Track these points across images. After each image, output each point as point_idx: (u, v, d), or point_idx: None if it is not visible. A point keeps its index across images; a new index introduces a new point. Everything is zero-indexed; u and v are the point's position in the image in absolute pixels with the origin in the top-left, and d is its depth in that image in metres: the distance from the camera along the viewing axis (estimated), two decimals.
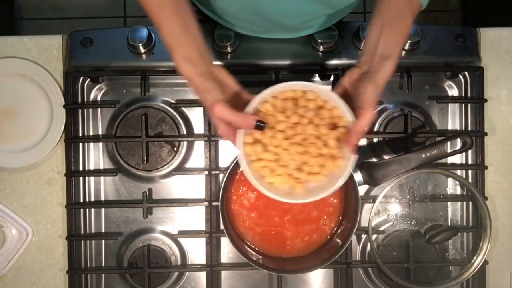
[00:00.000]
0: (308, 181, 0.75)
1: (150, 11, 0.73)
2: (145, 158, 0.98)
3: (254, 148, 0.73)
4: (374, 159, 1.02)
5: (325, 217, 0.92)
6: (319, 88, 0.73)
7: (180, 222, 1.02)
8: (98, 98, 1.03)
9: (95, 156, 1.02)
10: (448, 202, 1.02)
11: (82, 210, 1.00)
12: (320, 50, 0.99)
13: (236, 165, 0.90)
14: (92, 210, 1.02)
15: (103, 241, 1.02)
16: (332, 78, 1.01)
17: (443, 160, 1.01)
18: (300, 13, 0.87)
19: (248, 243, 0.94)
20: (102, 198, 1.02)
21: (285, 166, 0.74)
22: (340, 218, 0.93)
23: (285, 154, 0.73)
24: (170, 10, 0.73)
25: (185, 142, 1.00)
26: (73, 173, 0.98)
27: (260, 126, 0.71)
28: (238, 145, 0.73)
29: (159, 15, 0.73)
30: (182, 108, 1.01)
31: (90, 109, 1.02)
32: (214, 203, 0.96)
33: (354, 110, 0.72)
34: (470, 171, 1.01)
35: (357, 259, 1.02)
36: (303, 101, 0.73)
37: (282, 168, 0.74)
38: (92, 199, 1.02)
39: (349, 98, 0.75)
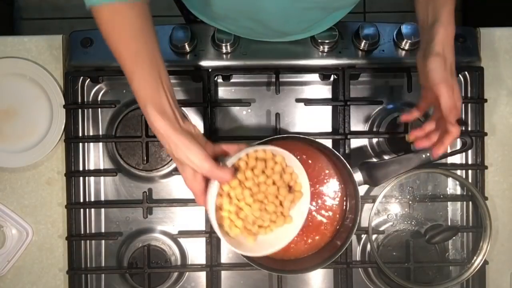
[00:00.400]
0: (258, 234, 0.80)
1: (124, 61, 0.70)
2: (145, 158, 0.98)
3: (220, 200, 0.76)
4: (374, 159, 1.02)
5: (326, 221, 0.92)
6: (286, 153, 0.78)
7: (180, 222, 1.02)
8: (98, 98, 1.03)
9: (95, 156, 1.02)
10: (448, 202, 1.02)
11: (82, 210, 1.00)
12: (320, 50, 0.99)
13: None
14: (92, 210, 1.02)
15: (103, 241, 1.02)
16: (332, 78, 1.01)
17: (443, 160, 1.01)
18: (302, 20, 0.87)
19: None
20: (102, 198, 1.02)
21: (243, 220, 0.78)
22: (341, 219, 0.93)
23: (246, 208, 0.77)
24: (147, 61, 0.70)
25: None
26: (73, 173, 0.98)
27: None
28: (211, 197, 0.73)
29: (134, 66, 0.70)
30: (182, 108, 1.01)
31: (90, 109, 1.02)
32: None
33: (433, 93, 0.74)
34: (470, 171, 1.01)
35: (357, 259, 1.02)
36: (271, 163, 0.78)
37: (241, 220, 0.78)
38: (92, 199, 1.02)
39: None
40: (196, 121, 1.02)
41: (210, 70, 0.98)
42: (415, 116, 0.83)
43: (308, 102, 1.00)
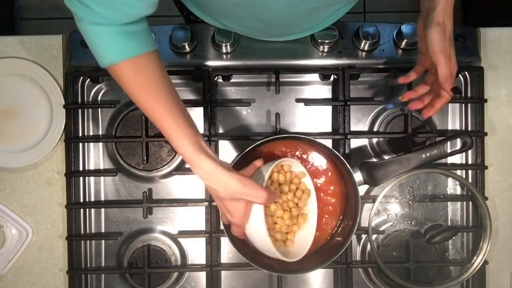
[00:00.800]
0: (288, 238, 0.87)
1: (162, 121, 0.71)
2: (145, 158, 0.98)
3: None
4: (374, 159, 1.02)
5: (326, 216, 0.92)
6: (290, 160, 0.86)
7: (180, 222, 1.02)
8: (98, 98, 1.03)
9: (95, 156, 1.02)
10: (448, 202, 1.02)
11: (82, 210, 1.00)
12: (320, 50, 0.98)
13: (235, 166, 0.90)
14: (92, 210, 1.02)
15: (103, 241, 1.02)
16: (332, 78, 1.01)
17: (443, 160, 1.01)
18: (308, 19, 0.87)
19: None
20: (102, 198, 1.02)
21: (279, 231, 0.85)
22: (341, 218, 0.93)
23: (279, 221, 0.84)
24: (179, 110, 0.72)
25: None
26: (73, 173, 0.98)
27: None
28: (261, 220, 0.75)
29: (172, 123, 0.71)
30: None
31: (90, 109, 1.02)
32: (214, 203, 0.96)
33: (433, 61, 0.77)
34: (470, 171, 1.01)
35: (357, 259, 1.02)
36: (283, 172, 0.86)
37: (279, 233, 0.85)
38: (92, 199, 1.02)
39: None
40: (196, 121, 1.01)
41: (210, 70, 0.98)
42: (412, 78, 0.86)
43: (308, 102, 1.00)
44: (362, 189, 0.99)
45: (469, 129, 1.01)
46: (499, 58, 1.03)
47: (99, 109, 1.02)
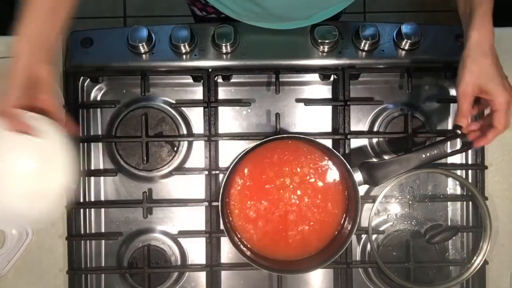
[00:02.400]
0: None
1: None
2: (145, 158, 0.98)
3: None
4: (374, 159, 1.02)
5: (328, 210, 0.93)
6: None
7: (180, 222, 1.02)
8: (98, 98, 1.03)
9: (95, 156, 1.02)
10: (448, 202, 1.02)
11: (82, 210, 1.00)
12: (320, 50, 0.99)
13: (235, 166, 0.90)
14: (92, 210, 1.01)
15: (103, 241, 1.02)
16: (332, 78, 1.01)
17: (443, 160, 1.01)
18: (309, 7, 0.87)
19: (254, 250, 0.94)
20: (102, 198, 1.02)
21: None
22: (341, 218, 0.93)
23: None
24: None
25: (185, 142, 1.00)
26: None
27: None
28: None
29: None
30: (182, 108, 1.01)
31: (90, 109, 1.02)
32: (214, 203, 0.96)
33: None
34: (470, 171, 1.01)
35: (357, 259, 1.02)
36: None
37: None
38: (92, 199, 1.02)
39: None
40: (196, 121, 1.02)
41: (210, 70, 0.98)
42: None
43: (308, 102, 1.00)
44: (362, 189, 0.98)
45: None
46: (499, 58, 1.03)
47: (99, 109, 1.02)
